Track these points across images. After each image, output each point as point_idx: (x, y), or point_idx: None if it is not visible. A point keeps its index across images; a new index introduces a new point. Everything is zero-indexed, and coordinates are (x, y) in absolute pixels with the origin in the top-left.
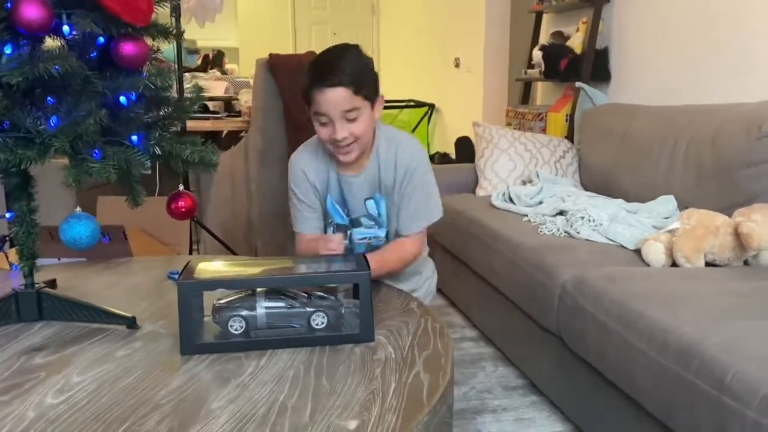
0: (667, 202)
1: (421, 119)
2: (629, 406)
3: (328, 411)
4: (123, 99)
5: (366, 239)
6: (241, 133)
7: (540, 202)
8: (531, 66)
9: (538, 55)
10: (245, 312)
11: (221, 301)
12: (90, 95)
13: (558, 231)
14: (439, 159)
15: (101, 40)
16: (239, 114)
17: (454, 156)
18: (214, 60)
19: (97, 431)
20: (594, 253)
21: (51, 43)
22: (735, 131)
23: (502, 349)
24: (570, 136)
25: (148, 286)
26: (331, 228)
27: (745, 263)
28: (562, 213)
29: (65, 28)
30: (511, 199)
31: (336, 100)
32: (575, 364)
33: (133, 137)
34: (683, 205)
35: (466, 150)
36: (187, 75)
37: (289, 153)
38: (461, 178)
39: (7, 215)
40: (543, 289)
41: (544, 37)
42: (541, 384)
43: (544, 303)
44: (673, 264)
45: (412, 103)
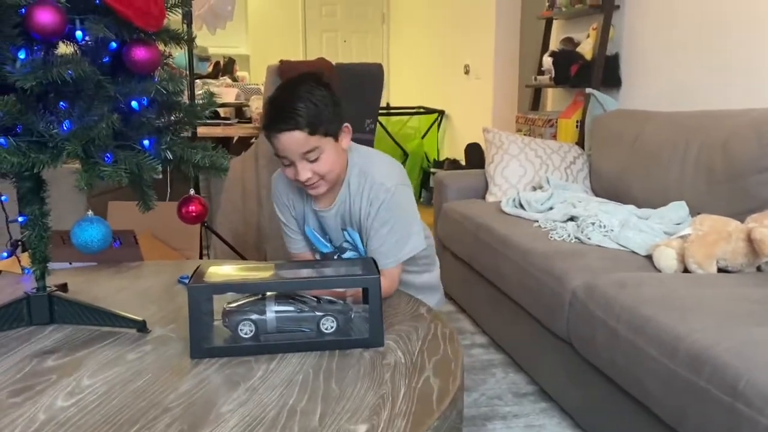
0: (678, 208)
1: (431, 126)
2: (640, 413)
3: (338, 415)
4: (135, 104)
5: None
6: (252, 140)
7: (550, 208)
8: (541, 72)
9: (548, 61)
10: (255, 316)
11: (231, 305)
12: (102, 100)
13: (568, 237)
14: (448, 165)
15: (114, 45)
16: (250, 120)
17: (463, 162)
18: (225, 67)
19: None
20: (605, 259)
21: (64, 48)
22: (746, 136)
23: (512, 356)
24: (580, 142)
25: (159, 291)
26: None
27: (758, 269)
28: (572, 219)
29: (78, 34)
30: (521, 205)
31: (291, 144)
32: (586, 370)
33: (145, 142)
34: (695, 211)
35: (475, 156)
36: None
37: None
38: (471, 183)
39: (19, 219)
40: (553, 295)
41: (554, 44)
42: (551, 390)
43: (555, 309)
44: (685, 270)
45: (422, 110)
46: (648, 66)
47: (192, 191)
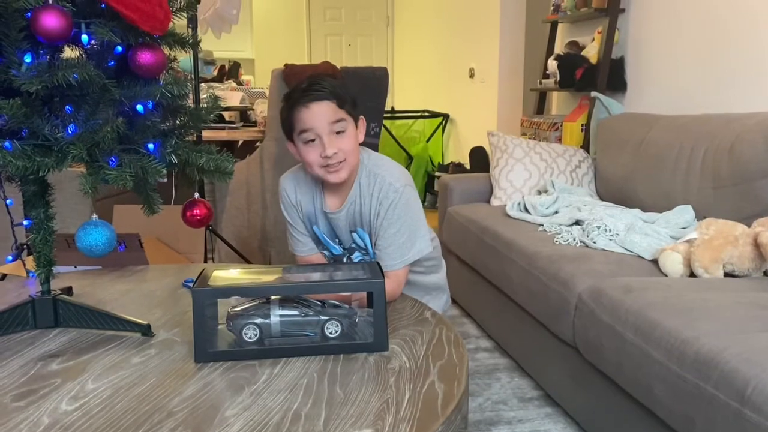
0: (684, 212)
1: (436, 129)
2: (647, 418)
3: (342, 420)
4: (140, 107)
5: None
6: (257, 143)
7: (556, 212)
8: (546, 76)
9: (553, 64)
10: (259, 320)
11: (235, 309)
12: (107, 103)
13: (574, 241)
14: (453, 169)
15: (119, 49)
16: (255, 124)
17: (468, 166)
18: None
19: None
20: (610, 263)
21: (69, 52)
22: (753, 140)
23: (517, 360)
24: (586, 146)
25: (163, 294)
26: (327, 253)
27: (765, 274)
28: (578, 223)
29: (84, 38)
30: (526, 209)
31: (322, 112)
32: (592, 375)
33: (150, 145)
34: (701, 215)
35: (480, 160)
36: (203, 85)
37: None
38: (476, 187)
39: (24, 222)
40: (559, 300)
41: (559, 47)
42: (557, 395)
43: (560, 313)
44: (691, 274)
45: (427, 114)
46: (653, 69)
47: (197, 195)
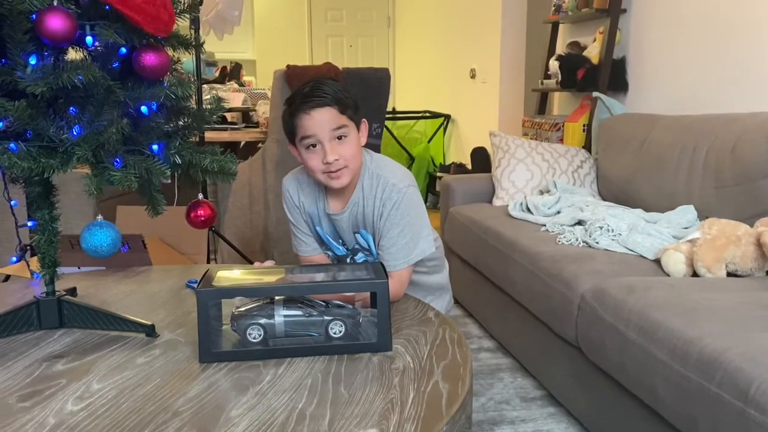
0: (686, 212)
1: (437, 130)
2: (650, 418)
3: (347, 420)
4: (144, 108)
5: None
6: (259, 144)
7: (558, 212)
8: (547, 76)
9: (554, 65)
10: (264, 320)
11: (240, 309)
12: (112, 105)
13: (576, 241)
14: (455, 169)
15: (123, 50)
16: (257, 125)
17: (470, 166)
18: (232, 72)
19: None
20: (613, 263)
21: (74, 53)
22: (756, 140)
23: (520, 360)
24: (587, 146)
25: (167, 295)
26: (330, 254)
27: (767, 274)
28: (580, 223)
29: (88, 39)
30: (528, 209)
31: (323, 119)
32: (594, 375)
33: (154, 146)
34: (703, 215)
35: (481, 160)
36: (205, 87)
37: None
38: (478, 187)
39: (29, 224)
40: (561, 300)
41: (561, 48)
42: (559, 395)
43: (563, 313)
44: (694, 274)
45: (428, 114)
46: (655, 69)
47: (201, 196)
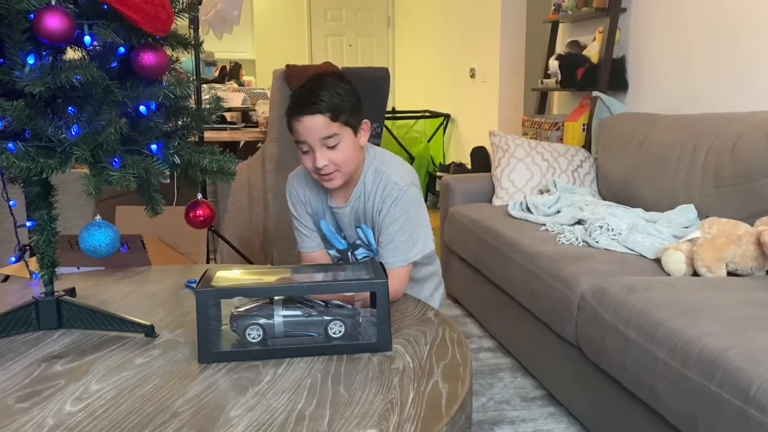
0: (686, 212)
1: (437, 129)
2: (650, 418)
3: (347, 420)
4: (143, 108)
5: (368, 258)
6: (258, 144)
7: (558, 212)
8: (547, 76)
9: (554, 64)
10: (263, 320)
11: (239, 310)
12: (110, 104)
13: (576, 240)
14: (454, 169)
15: (122, 50)
16: (256, 125)
17: (469, 166)
18: (231, 72)
19: None
20: (613, 262)
21: (72, 53)
22: (755, 139)
23: (520, 360)
24: (587, 146)
25: (166, 295)
26: (333, 250)
27: (767, 273)
28: (580, 222)
29: (87, 39)
30: (528, 209)
31: (312, 127)
32: (595, 374)
33: (153, 146)
34: (703, 215)
35: (481, 160)
36: (204, 86)
37: None
38: (478, 187)
39: (28, 224)
40: (561, 299)
41: (560, 47)
42: (559, 395)
43: (563, 313)
44: (694, 274)
45: (428, 114)
46: (655, 69)
47: (200, 196)
